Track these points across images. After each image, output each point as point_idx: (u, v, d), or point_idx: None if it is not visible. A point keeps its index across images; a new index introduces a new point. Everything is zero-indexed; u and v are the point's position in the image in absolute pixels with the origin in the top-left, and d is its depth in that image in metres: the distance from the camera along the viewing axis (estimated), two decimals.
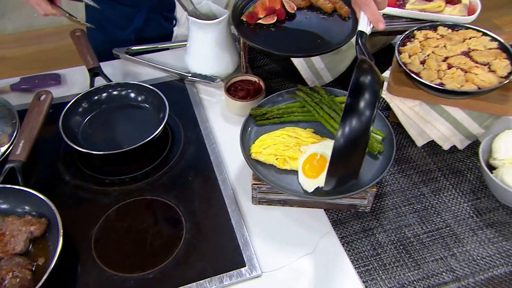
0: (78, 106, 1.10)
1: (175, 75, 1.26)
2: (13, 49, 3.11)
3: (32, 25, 3.36)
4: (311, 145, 0.94)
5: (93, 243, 0.89)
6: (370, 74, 0.79)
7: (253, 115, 1.01)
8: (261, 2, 1.16)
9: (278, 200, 0.96)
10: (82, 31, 1.25)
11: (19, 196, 0.90)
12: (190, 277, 0.85)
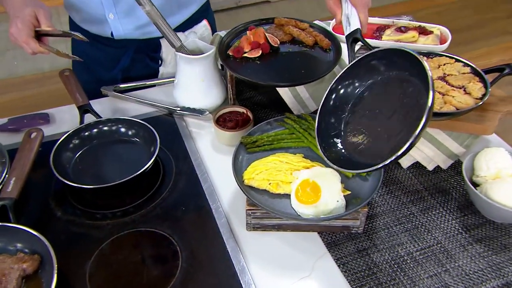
0: (69, 142, 1.09)
1: (163, 109, 1.27)
2: None
3: (12, 72, 3.35)
4: (303, 170, 0.95)
5: (88, 278, 0.86)
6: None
7: (244, 143, 1.02)
8: (246, 37, 1.19)
9: (272, 225, 0.96)
10: (70, 70, 1.26)
11: (10, 233, 0.87)
12: None
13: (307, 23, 1.27)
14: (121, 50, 1.38)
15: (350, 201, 0.92)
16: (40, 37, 1.06)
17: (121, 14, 1.26)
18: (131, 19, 1.28)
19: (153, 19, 1.09)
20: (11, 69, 3.37)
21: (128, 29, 1.30)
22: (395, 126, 0.87)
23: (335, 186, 0.92)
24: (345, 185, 0.94)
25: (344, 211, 0.90)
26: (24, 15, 1.03)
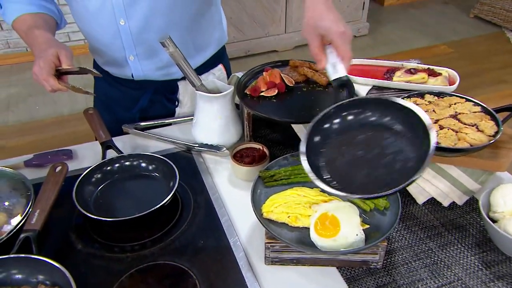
0: (91, 176, 1.09)
1: (182, 146, 1.27)
2: (14, 139, 3.14)
3: (33, 116, 3.42)
4: (322, 204, 0.94)
5: None
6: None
7: (262, 177, 1.02)
8: (263, 78, 1.22)
9: (291, 259, 0.94)
10: (94, 109, 1.29)
11: (33, 265, 0.86)
12: None
13: None
14: (140, 92, 1.41)
15: (369, 235, 0.90)
16: (61, 76, 1.09)
17: (141, 56, 1.30)
18: (150, 61, 1.32)
19: (176, 60, 1.12)
20: (33, 113, 3.45)
21: (147, 70, 1.33)
22: (381, 168, 0.86)
23: (354, 219, 0.91)
24: (363, 220, 0.93)
25: (363, 245, 0.88)
26: (46, 55, 1.06)
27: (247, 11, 3.93)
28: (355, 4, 4.41)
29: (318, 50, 0.95)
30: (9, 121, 3.39)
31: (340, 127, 0.94)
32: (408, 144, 0.86)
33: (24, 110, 3.50)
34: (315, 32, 0.95)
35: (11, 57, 4.01)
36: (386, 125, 0.91)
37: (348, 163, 0.89)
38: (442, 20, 4.94)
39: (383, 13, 5.15)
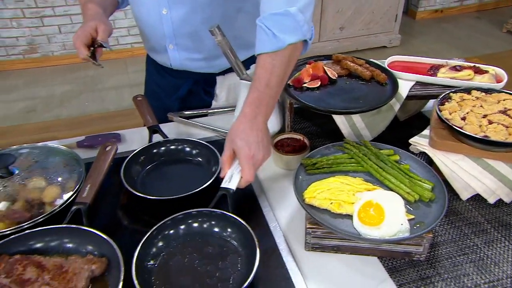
0: (138, 157, 1.07)
1: (223, 134, 1.24)
2: (65, 131, 3.20)
3: (83, 111, 3.49)
4: (366, 192, 0.88)
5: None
6: None
7: (304, 164, 0.97)
8: (306, 70, 1.17)
9: (331, 246, 0.88)
10: (143, 96, 1.27)
11: (83, 235, 0.84)
12: None
13: (363, 60, 1.23)
14: (181, 81, 1.39)
15: (413, 227, 0.83)
16: (97, 48, 1.11)
17: (180, 46, 1.27)
18: (188, 51, 1.29)
19: (223, 49, 1.08)
20: (83, 109, 3.52)
21: (184, 60, 1.31)
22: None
23: (399, 208, 0.84)
24: (407, 210, 0.86)
25: (408, 235, 0.81)
26: (87, 26, 1.09)
27: None
28: (388, 16, 4.30)
29: (225, 159, 0.93)
30: (62, 115, 3.46)
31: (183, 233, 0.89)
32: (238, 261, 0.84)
33: (75, 106, 3.57)
34: (230, 144, 0.93)
35: (66, 57, 4.11)
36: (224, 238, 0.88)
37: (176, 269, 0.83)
38: (474, 34, 4.76)
39: (415, 26, 5.01)
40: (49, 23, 3.92)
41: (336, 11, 4.01)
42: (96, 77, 3.94)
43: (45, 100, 3.65)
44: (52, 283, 0.76)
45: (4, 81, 3.88)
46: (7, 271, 0.77)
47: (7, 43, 3.92)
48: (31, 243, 0.83)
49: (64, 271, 0.78)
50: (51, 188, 0.95)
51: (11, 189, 0.92)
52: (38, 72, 4.03)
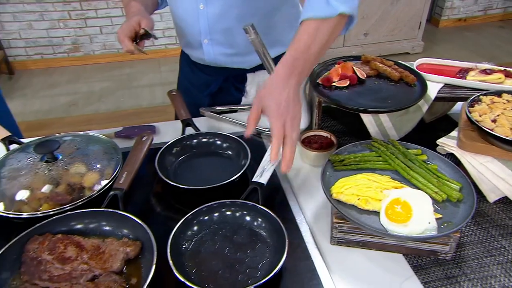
0: (172, 148, 1.07)
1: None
2: (102, 124, 3.25)
3: (119, 107, 3.54)
4: (394, 189, 0.84)
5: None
6: None
7: (332, 160, 0.94)
8: (335, 69, 1.13)
9: (357, 241, 0.85)
10: (177, 91, 1.27)
11: (119, 219, 0.84)
12: None
13: (392, 61, 1.19)
14: (212, 77, 1.38)
15: (440, 226, 0.79)
16: (140, 41, 1.13)
17: (214, 41, 1.26)
18: (222, 46, 1.27)
19: (256, 47, 1.06)
20: (119, 104, 3.57)
21: (218, 54, 1.29)
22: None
23: (426, 207, 0.80)
24: (435, 210, 0.82)
25: (435, 233, 0.77)
26: (131, 20, 1.11)
27: None
28: (412, 24, 4.20)
29: (252, 118, 0.87)
30: (100, 109, 3.52)
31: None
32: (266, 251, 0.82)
33: (112, 101, 3.63)
34: (259, 102, 0.86)
35: (106, 56, 4.18)
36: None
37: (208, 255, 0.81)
38: (497, 43, 4.60)
39: (438, 34, 4.87)
40: (92, 24, 4.00)
41: (361, 17, 3.94)
42: (131, 75, 3.99)
43: (86, 95, 3.72)
44: (90, 262, 0.76)
45: (50, 77, 3.98)
46: (50, 249, 0.77)
47: (54, 42, 4.02)
48: (72, 224, 0.84)
49: (101, 252, 0.78)
50: (91, 174, 0.95)
51: (55, 173, 0.93)
52: (80, 69, 4.12)
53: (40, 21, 3.87)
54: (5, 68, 3.88)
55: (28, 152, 0.98)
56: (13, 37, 3.90)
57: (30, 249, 0.77)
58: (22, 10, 3.77)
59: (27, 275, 0.75)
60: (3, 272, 0.75)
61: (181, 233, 0.82)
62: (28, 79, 3.93)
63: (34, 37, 3.94)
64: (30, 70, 4.05)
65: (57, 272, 0.75)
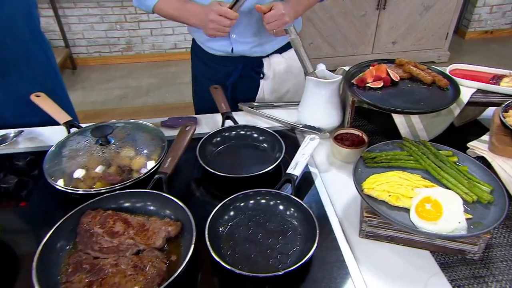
0: (212, 138, 1.05)
1: (287, 125, 1.18)
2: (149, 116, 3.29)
3: (163, 101, 3.58)
4: (425, 188, 0.79)
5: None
6: None
7: (364, 157, 0.89)
8: (370, 71, 1.08)
9: (385, 236, 0.80)
10: (219, 86, 1.24)
11: (162, 201, 0.83)
12: None
13: (425, 65, 1.12)
14: (232, 67, 1.34)
15: (469, 226, 0.73)
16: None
17: (241, 35, 1.24)
18: (249, 39, 1.25)
19: (295, 46, 1.03)
20: (163, 99, 3.61)
21: (245, 46, 1.27)
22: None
23: (457, 207, 0.74)
24: (465, 210, 0.76)
25: (465, 233, 0.71)
26: (212, 7, 1.08)
27: (341, 32, 3.75)
28: (439, 34, 4.01)
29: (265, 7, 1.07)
30: (147, 102, 3.58)
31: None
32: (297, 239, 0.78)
33: (158, 96, 3.67)
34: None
35: (154, 56, 4.24)
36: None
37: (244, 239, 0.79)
38: None
39: (464, 45, 4.63)
40: (144, 27, 4.07)
41: (390, 27, 3.80)
42: (176, 73, 4.03)
43: (135, 89, 3.79)
44: (135, 238, 0.75)
45: (105, 73, 4.08)
46: (101, 223, 0.77)
47: (111, 42, 4.11)
48: (120, 202, 0.83)
49: (145, 229, 0.77)
50: (139, 158, 0.94)
51: (107, 155, 0.93)
52: (131, 66, 4.20)
53: (100, 23, 3.98)
54: (69, 64, 4.02)
55: (85, 136, 0.99)
56: (77, 37, 4.02)
57: (84, 222, 0.78)
58: (86, 13, 3.89)
59: (81, 244, 0.75)
60: (61, 240, 0.76)
61: (218, 217, 0.80)
62: (88, 74, 4.05)
63: (95, 37, 4.05)
64: (89, 66, 4.17)
65: (106, 244, 0.74)
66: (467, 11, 4.66)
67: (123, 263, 0.70)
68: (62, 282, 0.68)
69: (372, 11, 3.67)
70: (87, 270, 0.69)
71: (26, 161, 1.01)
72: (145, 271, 0.68)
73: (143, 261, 0.69)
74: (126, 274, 0.68)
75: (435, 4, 3.75)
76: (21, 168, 1.00)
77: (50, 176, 0.89)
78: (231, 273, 0.68)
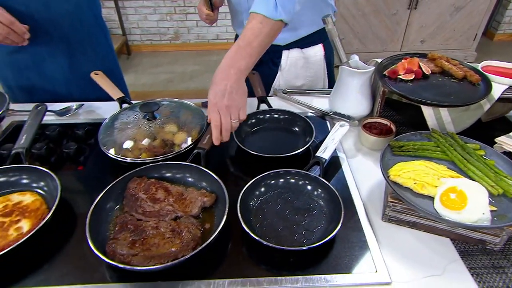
0: (247, 120, 1.02)
1: (318, 112, 1.13)
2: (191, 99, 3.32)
3: (205, 86, 3.59)
4: (450, 178, 0.73)
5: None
6: None
7: (392, 145, 0.83)
8: (402, 63, 1.01)
9: (407, 221, 0.75)
10: (256, 71, 1.20)
11: (200, 173, 0.82)
12: (326, 268, 0.66)
13: (457, 60, 1.03)
14: None
15: (493, 218, 0.67)
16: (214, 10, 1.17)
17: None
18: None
19: (332, 36, 0.97)
20: (205, 85, 3.61)
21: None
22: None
23: (482, 198, 0.68)
24: (490, 202, 0.70)
25: (488, 224, 0.65)
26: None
27: (372, 29, 3.57)
28: (468, 35, 3.73)
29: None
30: (190, 87, 3.60)
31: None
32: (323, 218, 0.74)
33: (200, 82, 3.68)
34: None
35: (199, 45, 4.24)
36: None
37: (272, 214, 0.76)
38: None
39: (492, 46, 4.30)
40: (191, 18, 4.06)
41: (420, 26, 3.58)
42: (217, 61, 3.96)
43: (180, 75, 3.82)
44: (174, 205, 0.75)
45: (155, 59, 4.14)
46: (145, 190, 0.77)
47: (161, 31, 4.15)
48: (163, 172, 0.83)
49: (183, 198, 0.76)
50: (181, 134, 0.93)
51: (153, 129, 0.93)
52: (178, 54, 4.22)
53: (152, 14, 4.01)
54: (125, 50, 4.10)
55: (135, 111, 0.99)
56: (133, 26, 4.08)
57: (130, 187, 0.78)
58: (141, 5, 3.93)
59: (127, 207, 0.75)
60: (111, 201, 0.76)
61: (249, 192, 0.78)
62: (140, 59, 4.12)
63: (147, 27, 4.10)
64: (142, 52, 4.24)
65: (148, 209, 0.74)
66: (498, 13, 4.30)
67: (163, 227, 0.70)
68: (110, 238, 0.69)
69: (404, 10, 3.46)
70: (131, 230, 0.69)
71: (85, 130, 1.03)
72: (181, 235, 0.67)
73: (180, 226, 0.69)
74: (164, 236, 0.68)
75: (466, 5, 3.48)
76: (80, 136, 1.02)
77: (103, 145, 0.90)
78: (258, 244, 0.66)
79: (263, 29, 0.83)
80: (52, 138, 1.00)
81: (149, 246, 0.66)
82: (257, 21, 0.83)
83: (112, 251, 0.65)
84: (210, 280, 0.64)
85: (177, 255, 0.64)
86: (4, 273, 0.66)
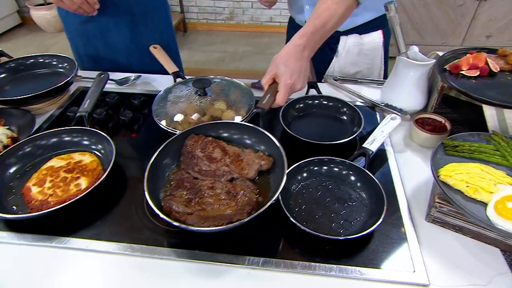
0: (295, 104, 0.99)
1: (368, 102, 1.07)
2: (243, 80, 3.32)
3: (253, 67, 3.56)
4: (509, 186, 0.65)
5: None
6: None
7: (445, 144, 0.76)
8: (466, 58, 0.91)
9: (453, 224, 0.69)
10: None
11: (258, 135, 0.78)
12: (361, 261, 0.64)
13: None
14: None
15: None
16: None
17: (312, 8, 1.08)
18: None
19: (392, 24, 0.89)
20: (254, 66, 3.59)
21: None
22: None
23: None
24: None
25: None
26: None
27: (433, 20, 3.27)
28: None
29: (265, 82, 0.83)
30: (240, 67, 3.60)
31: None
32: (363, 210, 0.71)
33: (250, 62, 3.66)
34: (274, 68, 0.80)
35: (252, 26, 4.20)
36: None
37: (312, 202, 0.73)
38: None
39: None
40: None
41: (488, 19, 3.21)
42: (268, 44, 3.95)
43: (231, 55, 3.82)
44: (230, 166, 0.74)
45: (209, 37, 4.17)
46: (202, 148, 0.76)
47: (217, 11, 4.15)
48: (220, 132, 0.82)
49: (240, 159, 0.75)
50: (229, 112, 0.93)
51: (203, 105, 0.93)
52: (231, 34, 4.21)
53: None
54: (182, 27, 4.17)
55: (187, 86, 1.00)
56: (191, 4, 4.13)
57: (187, 144, 0.77)
58: None
59: (184, 164, 0.75)
60: (167, 158, 0.77)
61: (292, 176, 0.76)
62: (195, 37, 4.17)
63: (204, 6, 4.12)
64: (197, 30, 4.28)
65: (205, 168, 0.73)
66: None
67: (218, 187, 0.69)
68: (167, 194, 0.69)
69: (471, 2, 3.12)
70: (187, 187, 0.69)
71: (140, 100, 1.06)
72: (237, 198, 0.66)
73: (236, 189, 0.68)
74: (220, 197, 0.67)
75: None
76: (135, 106, 1.05)
77: (156, 116, 0.93)
78: (295, 228, 0.65)
79: (338, 10, 0.82)
80: (111, 105, 1.05)
81: (205, 206, 0.65)
82: (332, 1, 0.80)
83: (169, 207, 0.64)
84: (246, 257, 0.64)
85: (232, 218, 0.61)
86: (64, 222, 0.72)
